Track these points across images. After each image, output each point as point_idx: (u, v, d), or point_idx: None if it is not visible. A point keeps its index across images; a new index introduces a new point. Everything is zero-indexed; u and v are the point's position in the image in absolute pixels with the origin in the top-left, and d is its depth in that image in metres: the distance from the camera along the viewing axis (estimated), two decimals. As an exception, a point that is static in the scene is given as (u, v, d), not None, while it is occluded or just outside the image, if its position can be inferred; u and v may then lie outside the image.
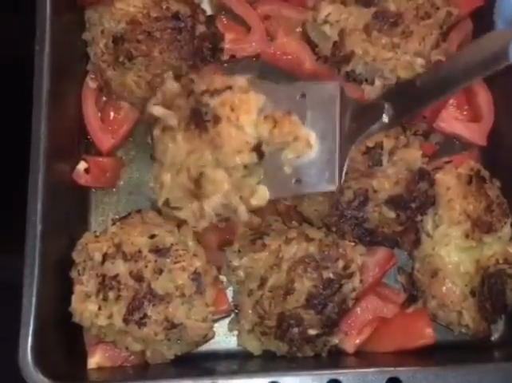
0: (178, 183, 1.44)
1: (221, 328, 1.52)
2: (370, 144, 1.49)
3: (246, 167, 1.41)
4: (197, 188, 1.42)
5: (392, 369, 1.32)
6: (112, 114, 1.64)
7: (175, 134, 1.44)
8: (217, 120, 1.39)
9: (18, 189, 1.43)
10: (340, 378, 1.29)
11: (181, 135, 1.43)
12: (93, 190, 1.61)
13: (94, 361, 1.43)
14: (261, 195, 1.41)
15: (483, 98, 1.69)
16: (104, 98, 1.65)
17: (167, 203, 1.42)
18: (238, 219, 1.43)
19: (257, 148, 1.40)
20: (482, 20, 1.64)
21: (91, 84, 1.62)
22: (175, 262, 1.41)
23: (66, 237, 1.47)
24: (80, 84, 1.62)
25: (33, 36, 1.47)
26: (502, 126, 1.66)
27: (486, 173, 1.59)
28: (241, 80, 1.47)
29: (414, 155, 1.54)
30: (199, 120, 1.41)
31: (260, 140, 1.40)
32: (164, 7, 1.58)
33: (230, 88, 1.44)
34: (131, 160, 1.64)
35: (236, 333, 1.52)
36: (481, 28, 1.66)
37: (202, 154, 1.41)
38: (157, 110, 1.45)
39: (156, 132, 1.47)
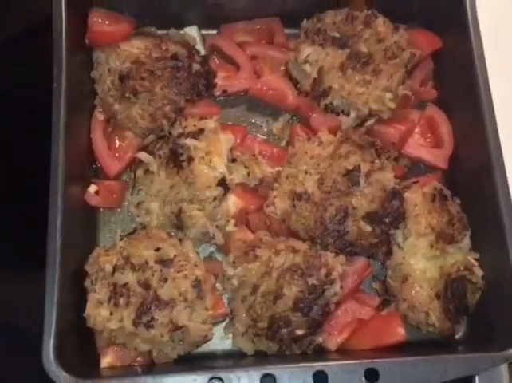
0: (164, 213, 1.62)
1: (217, 332, 1.58)
2: (349, 167, 1.58)
3: (215, 198, 1.59)
4: (179, 222, 1.61)
5: (370, 361, 1.40)
6: (117, 142, 1.71)
7: (154, 176, 1.61)
8: (191, 160, 1.58)
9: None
10: (326, 369, 1.37)
11: (164, 172, 1.61)
12: (101, 209, 1.70)
13: (106, 360, 1.51)
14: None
15: (444, 128, 1.79)
16: (111, 128, 1.72)
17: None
18: (217, 242, 1.62)
19: (223, 182, 1.59)
20: (441, 60, 1.82)
21: (99, 116, 1.71)
22: (178, 272, 1.50)
23: (79, 252, 1.55)
24: (90, 117, 1.71)
25: (48, 74, 1.56)
26: (461, 152, 1.75)
27: (447, 192, 1.67)
28: (211, 123, 1.66)
29: (387, 177, 1.63)
30: (177, 159, 1.60)
31: (224, 175, 1.59)
32: (164, 49, 1.69)
33: (202, 130, 1.63)
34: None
35: (231, 335, 1.59)
36: (440, 66, 1.83)
37: (179, 189, 1.59)
38: (143, 155, 1.64)
39: (139, 172, 1.65)
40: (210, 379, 1.37)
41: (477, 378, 1.52)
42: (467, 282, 1.61)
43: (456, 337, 1.66)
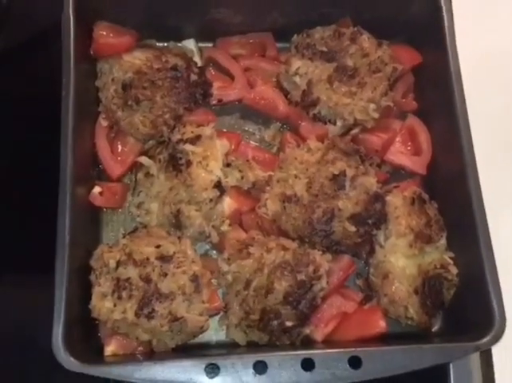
0: (164, 213, 1.67)
1: (212, 323, 1.64)
2: (336, 172, 1.64)
3: (211, 200, 1.65)
4: (177, 222, 1.66)
5: (353, 349, 1.46)
6: (120, 147, 1.77)
7: (154, 179, 1.67)
8: (189, 164, 1.64)
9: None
10: (313, 357, 1.43)
11: (163, 175, 1.67)
12: (104, 210, 1.76)
13: (110, 349, 1.57)
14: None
15: (423, 137, 1.83)
16: (114, 134, 1.77)
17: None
18: (212, 240, 1.68)
19: (219, 185, 1.65)
20: (421, 74, 1.89)
21: (103, 122, 1.76)
22: (177, 267, 1.55)
23: (85, 248, 1.61)
24: (94, 123, 1.76)
25: (58, 83, 1.63)
26: (438, 159, 1.80)
27: (425, 196, 1.73)
28: (208, 130, 1.72)
29: (370, 182, 1.69)
30: (175, 163, 1.65)
31: (220, 179, 1.65)
32: (164, 60, 1.75)
33: (199, 137, 1.69)
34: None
35: (225, 327, 1.64)
36: (420, 80, 1.90)
37: (178, 191, 1.65)
38: (144, 159, 1.70)
39: (140, 175, 1.71)
40: (207, 365, 1.42)
41: (451, 366, 1.61)
42: (443, 279, 1.66)
43: (433, 329, 1.71)
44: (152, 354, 1.59)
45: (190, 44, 1.91)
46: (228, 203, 1.71)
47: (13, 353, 1.67)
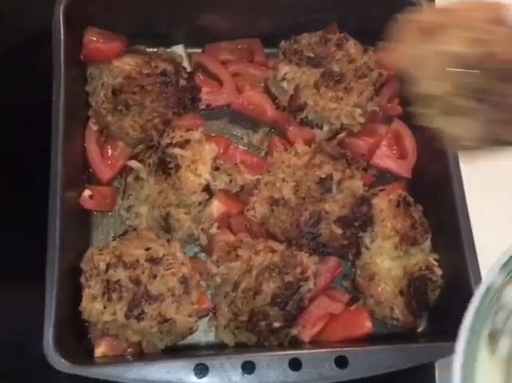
0: (153, 216, 1.69)
1: (201, 325, 1.65)
2: (323, 175, 1.66)
3: (200, 203, 1.67)
4: (166, 225, 1.68)
5: (340, 349, 1.48)
6: (110, 151, 1.78)
7: (143, 182, 1.68)
8: (178, 168, 1.65)
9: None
10: (300, 357, 1.45)
11: (152, 178, 1.68)
12: (95, 213, 1.77)
13: (100, 350, 1.58)
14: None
15: (409, 141, 1.85)
16: (103, 138, 1.78)
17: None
18: (201, 243, 1.70)
19: (207, 188, 1.67)
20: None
21: (93, 126, 1.77)
22: (167, 269, 1.56)
23: (75, 251, 1.62)
24: (84, 127, 1.77)
25: (47, 87, 1.64)
26: (423, 163, 1.82)
27: (410, 199, 1.74)
28: (196, 135, 1.73)
29: (356, 185, 1.70)
30: (165, 167, 1.67)
31: (208, 182, 1.67)
32: (153, 65, 1.77)
33: (188, 141, 1.70)
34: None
35: (214, 328, 1.65)
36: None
37: (167, 194, 1.66)
38: (133, 163, 1.72)
39: (130, 178, 1.72)
40: (196, 366, 1.44)
41: (436, 365, 1.64)
42: (428, 280, 1.67)
43: (418, 330, 1.73)
44: (142, 355, 1.60)
45: (179, 49, 1.93)
46: (217, 206, 1.73)
47: (3, 355, 1.67)
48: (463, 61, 1.17)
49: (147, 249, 1.60)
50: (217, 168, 1.74)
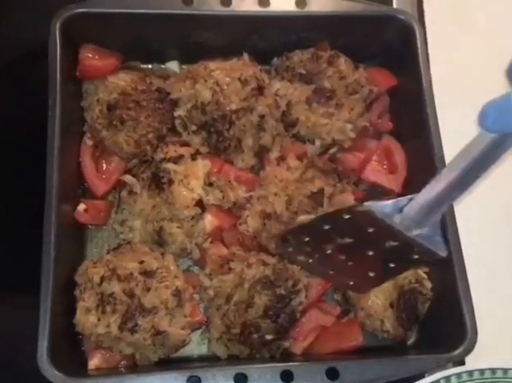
0: (146, 230, 1.70)
1: (194, 337, 1.67)
2: (314, 190, 1.68)
3: (193, 218, 1.68)
4: (160, 239, 1.69)
5: (331, 361, 1.50)
6: (104, 166, 1.80)
7: (137, 197, 1.69)
8: (171, 182, 1.67)
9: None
10: (291, 369, 1.47)
11: (146, 193, 1.69)
12: (89, 226, 1.78)
13: (93, 363, 1.59)
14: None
15: (398, 156, 1.87)
16: (98, 153, 1.80)
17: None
18: (193, 257, 1.71)
19: (200, 203, 1.68)
20: (396, 95, 1.94)
21: (88, 141, 1.79)
22: (160, 282, 1.57)
23: (69, 264, 1.64)
24: (79, 142, 1.79)
25: (43, 102, 1.67)
26: (413, 177, 1.83)
27: None
28: (190, 150, 1.75)
29: (347, 199, 1.71)
30: (158, 182, 1.68)
31: (201, 197, 1.68)
32: (148, 82, 1.79)
33: (182, 156, 1.72)
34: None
35: (206, 341, 1.67)
36: (395, 101, 1.95)
37: (160, 209, 1.67)
38: (127, 178, 1.73)
39: (124, 193, 1.73)
40: (189, 378, 1.46)
41: (426, 376, 1.65)
42: (418, 293, 1.69)
43: (408, 342, 1.74)
44: (135, 368, 1.62)
45: (173, 66, 1.95)
46: (209, 221, 1.74)
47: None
48: None
49: (141, 262, 1.62)
50: (210, 184, 1.75)
